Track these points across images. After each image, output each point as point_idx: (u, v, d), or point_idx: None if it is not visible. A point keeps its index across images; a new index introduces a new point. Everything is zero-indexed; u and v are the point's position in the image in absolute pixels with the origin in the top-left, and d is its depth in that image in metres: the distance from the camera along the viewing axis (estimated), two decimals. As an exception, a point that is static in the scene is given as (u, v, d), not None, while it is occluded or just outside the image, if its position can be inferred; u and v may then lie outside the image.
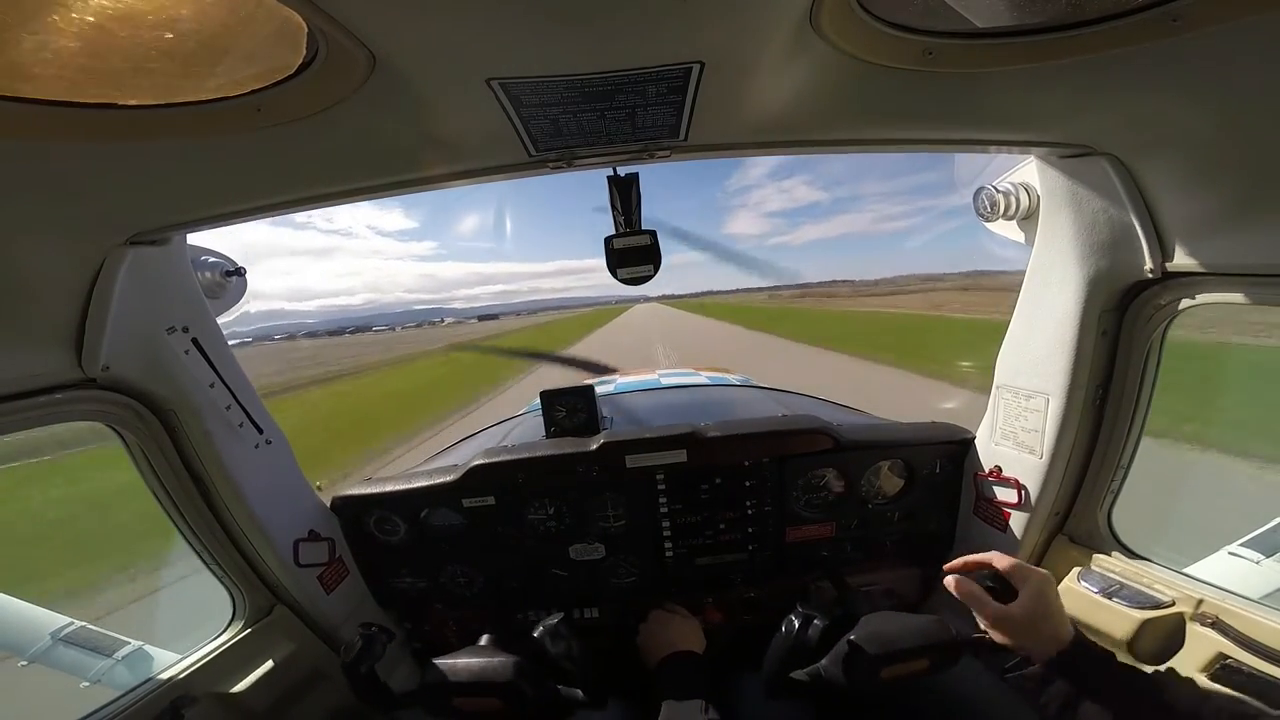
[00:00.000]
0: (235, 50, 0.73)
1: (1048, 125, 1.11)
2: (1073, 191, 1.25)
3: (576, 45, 0.75)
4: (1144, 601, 1.27)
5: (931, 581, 1.94)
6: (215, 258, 1.50)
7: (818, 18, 0.72)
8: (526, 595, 1.90)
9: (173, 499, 1.43)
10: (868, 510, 1.83)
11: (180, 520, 1.46)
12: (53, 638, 1.72)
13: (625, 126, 1.01)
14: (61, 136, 0.80)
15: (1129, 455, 1.43)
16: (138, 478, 1.42)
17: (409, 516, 1.81)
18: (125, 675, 1.64)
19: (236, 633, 1.53)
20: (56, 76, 0.72)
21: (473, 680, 1.25)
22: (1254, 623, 1.12)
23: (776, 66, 0.85)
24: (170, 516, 1.46)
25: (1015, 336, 1.52)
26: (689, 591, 1.87)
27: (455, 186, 1.23)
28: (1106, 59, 0.83)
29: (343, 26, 0.65)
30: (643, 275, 1.28)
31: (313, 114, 0.84)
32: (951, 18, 0.78)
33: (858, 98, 0.99)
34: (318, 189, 1.16)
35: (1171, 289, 1.23)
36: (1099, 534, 1.49)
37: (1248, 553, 2.01)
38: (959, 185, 1.60)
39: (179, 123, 0.82)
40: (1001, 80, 0.91)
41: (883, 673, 1.19)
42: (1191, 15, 0.72)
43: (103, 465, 9.46)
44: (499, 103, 0.86)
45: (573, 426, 1.90)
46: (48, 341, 1.13)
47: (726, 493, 1.80)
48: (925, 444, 1.81)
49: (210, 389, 1.41)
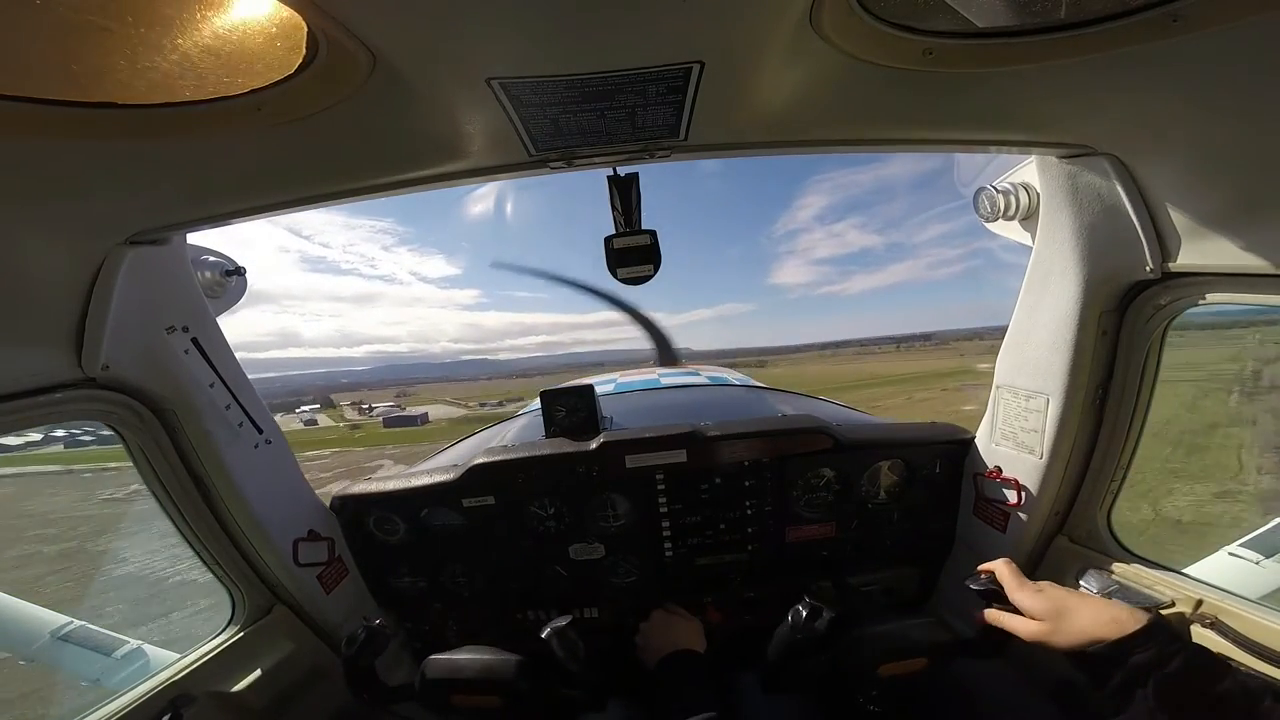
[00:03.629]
0: (235, 50, 0.73)
1: (1048, 125, 1.11)
2: (1073, 191, 1.25)
3: (576, 45, 0.75)
4: (1143, 602, 1.27)
5: (931, 581, 1.94)
6: (215, 257, 1.50)
7: (817, 17, 0.72)
8: (526, 595, 1.90)
9: (172, 498, 1.43)
10: (867, 510, 1.83)
11: (180, 520, 1.46)
12: (52, 637, 1.73)
13: (625, 126, 1.01)
14: (61, 136, 0.80)
15: (1129, 455, 1.43)
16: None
17: (409, 516, 1.81)
18: (125, 674, 1.65)
19: (236, 632, 1.53)
20: (56, 76, 0.72)
21: (476, 678, 1.25)
22: (1253, 623, 1.11)
23: (776, 66, 0.85)
24: (170, 516, 1.46)
25: (1015, 336, 1.52)
26: (689, 591, 1.87)
27: (455, 186, 1.23)
28: (1106, 59, 0.83)
29: (343, 26, 0.65)
30: (642, 275, 1.28)
31: (313, 114, 0.84)
32: (952, 18, 0.77)
33: (858, 98, 0.99)
34: (318, 188, 1.16)
35: (1172, 289, 1.22)
36: (1099, 534, 1.49)
37: (1247, 553, 2.02)
38: (959, 185, 1.60)
39: (179, 123, 0.82)
40: (1001, 80, 0.91)
41: (880, 670, 1.19)
42: (1191, 15, 0.72)
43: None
44: (499, 102, 0.86)
45: (572, 426, 1.90)
46: (48, 341, 1.13)
47: (726, 493, 1.80)
48: (925, 444, 1.81)
49: (210, 389, 1.41)
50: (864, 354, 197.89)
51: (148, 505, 1.44)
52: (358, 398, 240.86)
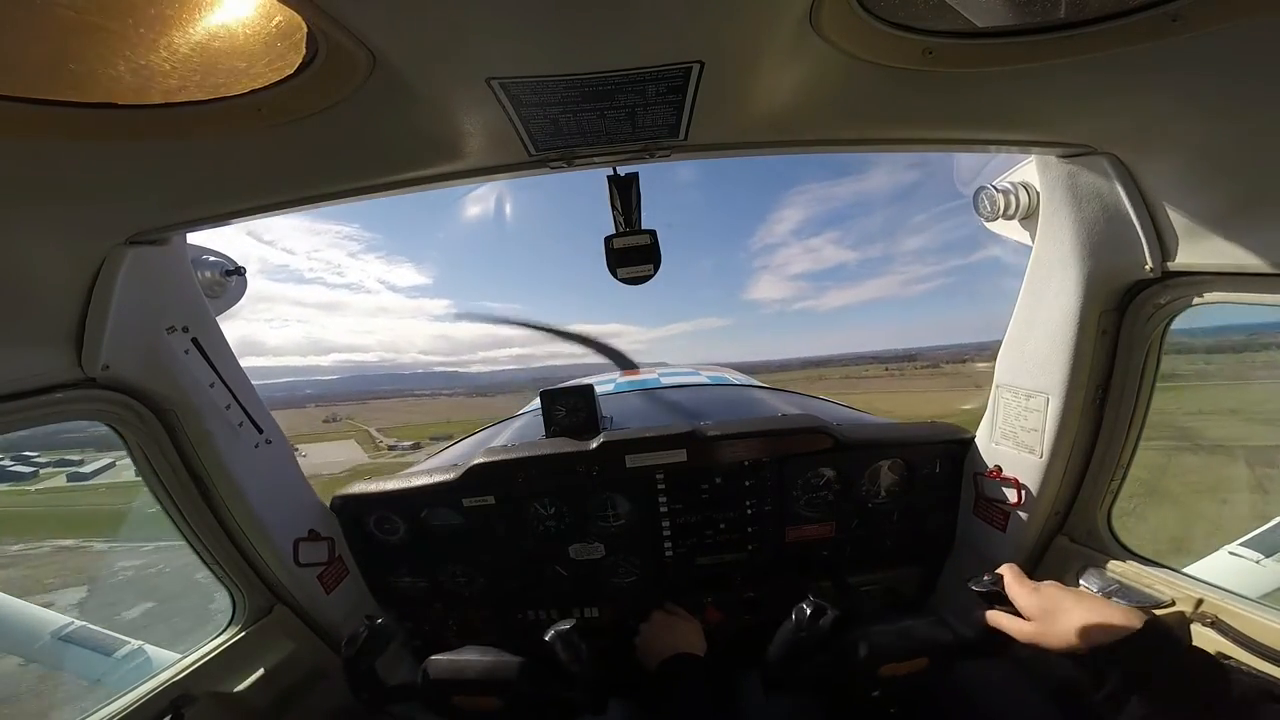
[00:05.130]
0: (235, 50, 0.72)
1: (1048, 125, 1.11)
2: (1073, 191, 1.25)
3: (576, 45, 0.75)
4: (1143, 601, 1.27)
5: (931, 581, 1.94)
6: (215, 257, 1.50)
7: (817, 17, 0.72)
8: (526, 595, 1.90)
9: (172, 498, 1.43)
10: (868, 510, 1.83)
11: (180, 520, 1.46)
12: (53, 637, 1.73)
13: (625, 126, 1.01)
14: (61, 136, 0.80)
15: (1129, 455, 1.43)
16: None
17: (409, 516, 1.81)
18: (125, 674, 1.65)
19: (236, 632, 1.53)
20: (56, 76, 0.72)
21: (479, 679, 1.25)
22: (1253, 622, 1.12)
23: (776, 66, 0.85)
24: (170, 516, 1.46)
25: (1015, 336, 1.52)
26: (689, 591, 1.87)
27: (455, 186, 1.23)
28: (1106, 59, 0.83)
29: (343, 26, 0.65)
30: (642, 275, 1.28)
31: (313, 113, 0.84)
32: (951, 18, 0.77)
33: (858, 98, 0.99)
34: (318, 188, 1.16)
35: (1171, 288, 1.23)
36: (1099, 534, 1.49)
37: (1247, 552, 2.02)
38: (959, 185, 1.60)
39: (179, 123, 0.82)
40: (1001, 80, 0.91)
41: (881, 670, 1.19)
42: (1191, 15, 0.72)
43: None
44: (499, 102, 0.86)
45: (572, 426, 1.90)
46: (48, 341, 1.13)
47: (726, 492, 1.80)
48: (925, 443, 1.81)
49: (210, 389, 1.41)
50: (854, 377, 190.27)
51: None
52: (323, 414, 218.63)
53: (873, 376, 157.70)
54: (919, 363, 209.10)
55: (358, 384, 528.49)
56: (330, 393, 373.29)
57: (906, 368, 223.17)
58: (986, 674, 1.48)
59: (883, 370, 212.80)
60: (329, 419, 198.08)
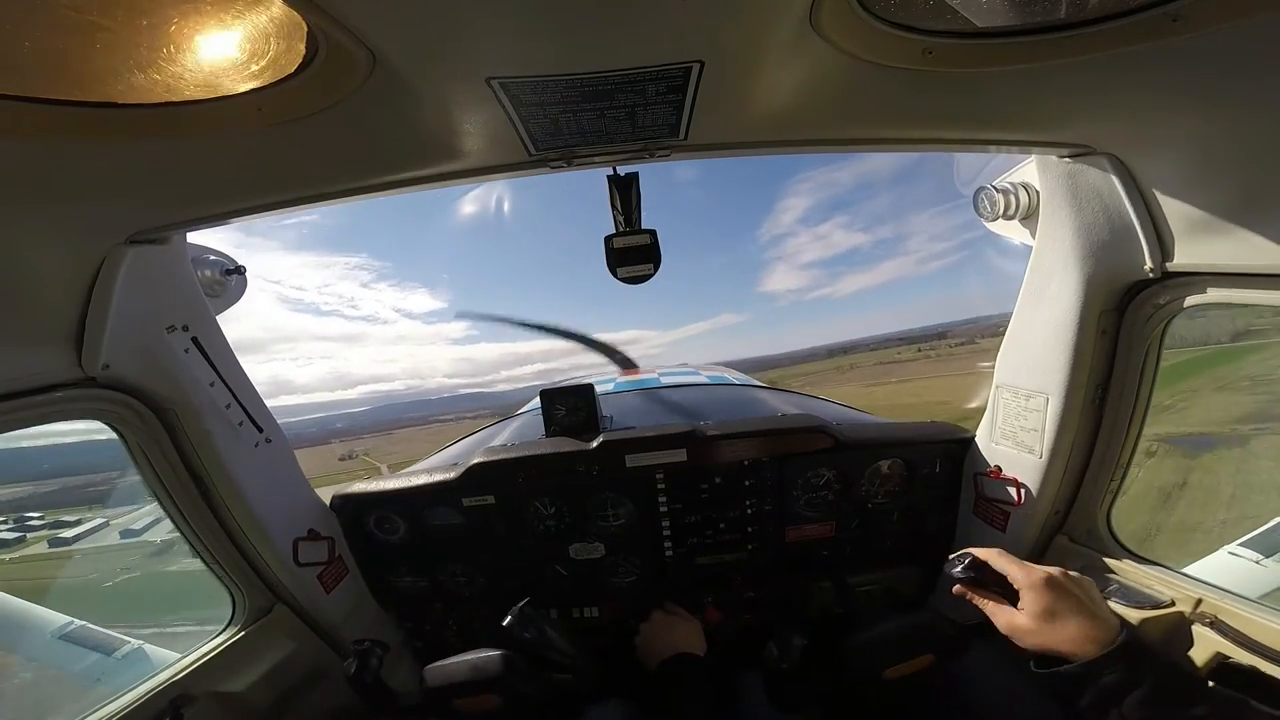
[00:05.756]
0: (235, 50, 0.72)
1: (1048, 125, 1.11)
2: (1073, 191, 1.25)
3: (576, 45, 0.75)
4: (1143, 601, 1.27)
5: (932, 580, 1.94)
6: (215, 256, 1.50)
7: (818, 17, 0.72)
8: (526, 594, 1.90)
9: (172, 498, 1.43)
10: (867, 510, 1.83)
11: (180, 519, 1.46)
12: (53, 637, 1.73)
13: (625, 126, 1.01)
14: (61, 136, 0.80)
15: (1128, 455, 1.43)
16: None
17: (409, 515, 1.81)
18: (125, 674, 1.65)
19: (236, 632, 1.53)
20: (56, 76, 0.72)
21: (469, 679, 1.26)
22: (1253, 622, 1.12)
23: (776, 66, 0.85)
24: (170, 515, 1.46)
25: (1015, 336, 1.52)
26: (689, 591, 1.87)
27: (455, 185, 1.23)
28: (1106, 59, 0.83)
29: (343, 26, 0.65)
30: (642, 274, 1.28)
31: (313, 113, 0.84)
32: (951, 18, 0.78)
33: (858, 98, 0.99)
34: (318, 188, 1.16)
35: (1171, 288, 1.23)
36: (1098, 534, 1.49)
37: (1247, 552, 2.02)
38: (959, 185, 1.61)
39: (179, 122, 0.82)
40: (1001, 80, 0.91)
41: (886, 673, 1.18)
42: (1191, 15, 0.72)
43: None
44: (499, 102, 0.86)
45: (572, 425, 1.90)
46: (48, 340, 1.13)
47: (726, 492, 1.80)
48: (925, 443, 1.81)
49: (210, 388, 1.41)
50: (887, 362, 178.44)
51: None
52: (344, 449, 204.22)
53: (907, 360, 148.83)
54: (951, 340, 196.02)
55: (387, 414, 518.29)
56: (357, 425, 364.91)
57: (939, 346, 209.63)
58: (990, 665, 1.47)
59: (915, 352, 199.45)
60: (344, 456, 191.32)
